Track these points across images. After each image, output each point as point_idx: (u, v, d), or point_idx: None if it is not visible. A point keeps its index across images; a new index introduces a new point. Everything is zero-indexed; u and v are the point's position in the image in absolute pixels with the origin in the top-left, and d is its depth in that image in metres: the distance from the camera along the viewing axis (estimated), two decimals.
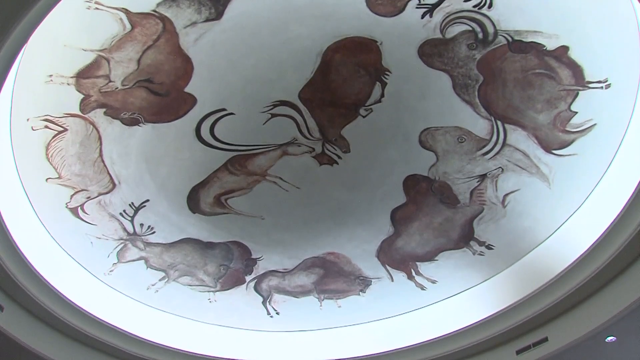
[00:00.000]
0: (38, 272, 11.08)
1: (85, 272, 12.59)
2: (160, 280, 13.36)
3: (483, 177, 10.99)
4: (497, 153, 10.51)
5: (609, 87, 9.15)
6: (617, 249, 9.83)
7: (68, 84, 9.21)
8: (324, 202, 11.77)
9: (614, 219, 9.80)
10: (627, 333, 10.63)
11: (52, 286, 11.53)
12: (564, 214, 11.12)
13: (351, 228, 12.29)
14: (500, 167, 10.72)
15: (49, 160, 10.16)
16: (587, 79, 9.09)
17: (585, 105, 9.48)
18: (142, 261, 12.87)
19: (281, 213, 12.00)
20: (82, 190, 10.94)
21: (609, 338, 10.81)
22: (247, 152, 10.70)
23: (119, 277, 13.01)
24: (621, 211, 9.61)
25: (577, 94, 9.35)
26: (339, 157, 10.76)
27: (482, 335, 12.66)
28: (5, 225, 9.84)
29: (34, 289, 11.12)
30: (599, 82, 9.14)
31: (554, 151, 10.17)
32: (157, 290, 13.52)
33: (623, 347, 11.15)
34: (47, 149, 9.96)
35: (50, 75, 9.01)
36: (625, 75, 8.93)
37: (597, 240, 10.28)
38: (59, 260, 11.93)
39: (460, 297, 13.44)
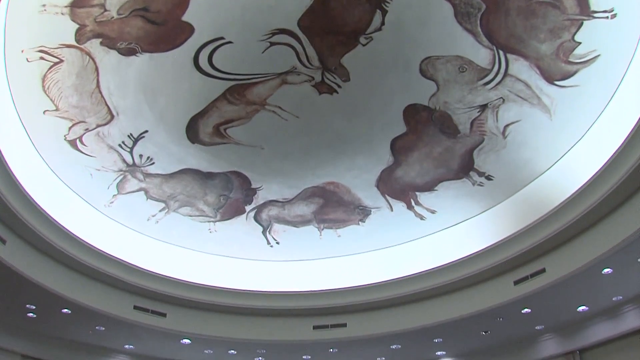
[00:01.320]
0: (39, 205, 11.26)
1: (86, 204, 12.77)
2: (160, 211, 13.56)
3: (484, 107, 10.97)
4: (499, 83, 10.44)
5: (615, 17, 9.02)
6: (617, 182, 9.94)
7: (62, 14, 9.09)
8: (323, 132, 11.78)
9: (615, 152, 9.87)
10: (624, 265, 10.88)
11: (53, 219, 11.74)
12: (564, 145, 11.18)
13: (351, 157, 12.36)
14: (501, 98, 10.69)
15: (45, 93, 10.14)
16: (592, 8, 8.95)
17: (590, 36, 9.36)
18: (142, 192, 13.02)
19: (281, 142, 12.03)
20: (80, 122, 10.95)
21: (606, 270, 11.07)
22: (246, 81, 10.65)
23: (119, 208, 13.20)
24: (622, 144, 9.67)
25: (582, 23, 9.23)
26: (339, 86, 10.72)
27: (480, 265, 12.95)
28: (4, 159, 9.93)
29: (35, 221, 11.32)
30: (605, 11, 9.01)
31: (556, 82, 10.11)
32: (157, 221, 13.74)
33: (619, 279, 11.44)
34: (43, 81, 9.92)
35: (44, 5, 8.88)
36: (631, 5, 8.80)
37: (596, 172, 10.40)
38: (59, 192, 12.10)
39: (459, 227, 13.68)
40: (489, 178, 12.41)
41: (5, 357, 13.82)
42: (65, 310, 12.94)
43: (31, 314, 13.16)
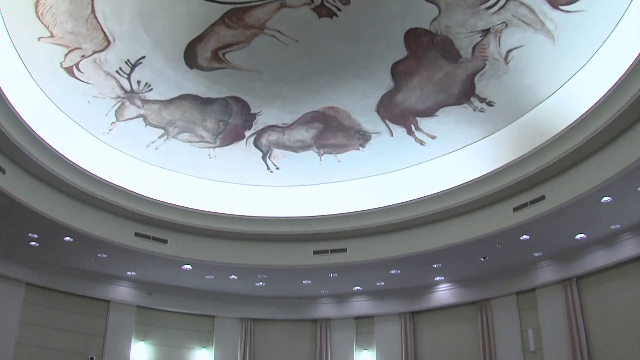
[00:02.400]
0: (37, 134, 11.33)
1: (84, 132, 12.82)
2: (159, 137, 13.61)
3: (486, 32, 10.84)
4: (502, 7, 10.26)
5: None
6: (619, 110, 9.94)
7: None
8: (323, 56, 11.65)
9: (618, 80, 9.82)
10: (623, 194, 11.03)
11: (52, 147, 11.83)
12: (567, 72, 11.10)
13: (351, 82, 12.28)
14: (504, 22, 10.54)
15: (39, 19, 10.00)
16: None
17: None
18: (141, 119, 13.04)
19: (280, 67, 11.92)
20: (76, 48, 10.85)
21: (605, 198, 11.23)
22: (245, 4, 10.49)
23: (118, 135, 13.26)
24: (625, 72, 9.60)
25: None
26: (339, 10, 10.52)
27: (480, 191, 13.09)
28: (1, 88, 9.92)
29: (34, 150, 11.41)
30: None
31: (561, 7, 9.94)
32: (156, 148, 13.81)
33: (618, 208, 11.62)
34: (36, 6, 9.76)
35: None
36: None
37: (599, 100, 10.37)
38: (57, 121, 12.13)
39: (459, 153, 13.73)
40: (490, 104, 12.39)
41: (10, 286, 14.21)
42: (67, 238, 13.21)
43: (34, 243, 13.44)
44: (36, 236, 13.11)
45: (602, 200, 11.33)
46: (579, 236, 13.00)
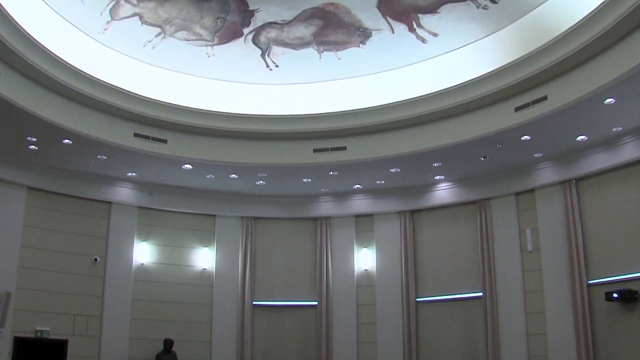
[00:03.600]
0: (30, 35, 11.17)
1: (79, 32, 12.65)
2: (156, 36, 13.46)
3: None
4: None
5: None
6: (626, 10, 9.75)
7: None
8: None
9: None
10: (627, 96, 11.04)
11: (46, 48, 11.68)
12: None
13: None
14: None
15: None
16: None
17: None
18: (137, 17, 12.85)
19: None
20: None
21: (608, 100, 11.26)
22: None
23: (113, 35, 13.10)
24: None
25: None
26: None
27: (482, 90, 13.04)
28: None
29: (27, 52, 11.27)
30: None
31: None
32: (153, 47, 13.70)
33: (621, 110, 11.68)
34: None
35: None
36: None
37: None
38: (50, 22, 11.96)
39: (461, 51, 13.62)
40: (494, 1, 12.19)
41: (12, 190, 14.45)
42: (66, 140, 13.30)
43: (33, 147, 13.56)
44: (35, 139, 13.20)
45: (605, 102, 11.36)
46: (580, 138, 13.10)
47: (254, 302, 17.17)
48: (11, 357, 14.08)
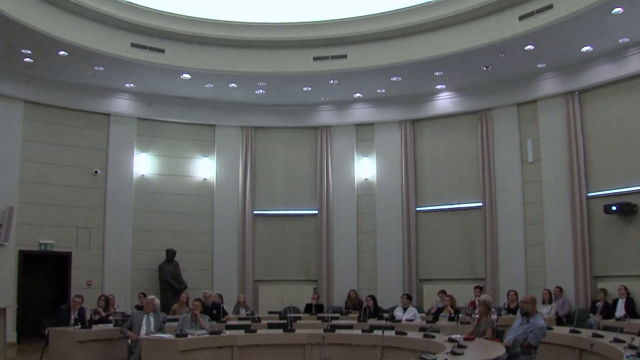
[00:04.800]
0: None
1: None
2: None
3: None
4: None
5: None
6: None
7: None
8: None
9: None
10: (635, 5, 10.92)
11: None
12: None
13: None
14: None
15: None
16: None
17: None
18: None
19: None
20: None
21: (616, 9, 11.10)
22: None
23: None
24: None
25: None
26: None
27: None
28: None
29: None
30: None
31: None
32: None
33: (628, 20, 11.53)
34: None
35: None
36: None
37: None
38: None
39: None
40: None
41: (9, 104, 14.47)
42: (62, 52, 13.20)
43: (28, 59, 13.47)
44: (30, 52, 13.11)
45: (612, 12, 11.18)
46: (585, 48, 12.98)
47: (254, 211, 17.42)
48: (17, 270, 14.49)
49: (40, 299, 15.46)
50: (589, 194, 13.88)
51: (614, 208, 12.95)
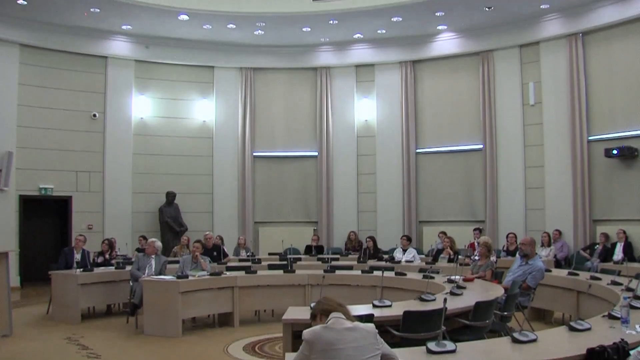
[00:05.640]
0: None
1: None
2: None
3: None
4: None
5: None
6: None
7: None
8: None
9: None
10: None
11: None
12: None
13: None
14: None
15: None
16: None
17: None
18: None
19: None
20: None
21: None
22: None
23: None
24: None
25: None
26: None
27: None
28: None
29: None
30: None
31: None
32: None
33: None
34: None
35: None
36: None
37: None
38: None
39: None
40: None
41: (4, 48, 14.37)
42: None
43: (22, 1, 13.31)
44: None
45: None
46: None
47: (254, 153, 17.42)
48: (18, 214, 14.62)
49: (42, 243, 15.68)
50: (590, 138, 13.89)
51: (614, 152, 12.96)
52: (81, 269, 10.69)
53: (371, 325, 3.64)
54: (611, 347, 4.17)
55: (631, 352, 3.98)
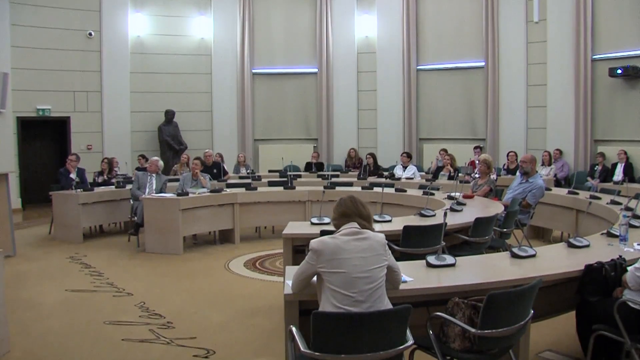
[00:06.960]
0: None
1: None
2: None
3: None
4: None
5: None
6: None
7: None
8: None
9: None
10: None
11: None
12: None
13: None
14: None
15: None
16: None
17: None
18: None
19: None
20: None
21: None
22: None
23: None
24: None
25: None
26: None
27: None
28: None
29: None
30: None
31: None
32: None
33: None
34: None
35: None
36: None
37: None
38: None
39: None
40: None
41: None
42: None
43: None
44: None
45: None
46: None
47: (253, 70, 17.19)
48: (16, 136, 14.59)
49: (41, 165, 15.72)
50: (594, 56, 13.69)
51: (619, 71, 12.80)
52: (80, 189, 10.73)
53: (381, 236, 3.62)
54: (609, 264, 4.23)
55: (628, 269, 4.03)
